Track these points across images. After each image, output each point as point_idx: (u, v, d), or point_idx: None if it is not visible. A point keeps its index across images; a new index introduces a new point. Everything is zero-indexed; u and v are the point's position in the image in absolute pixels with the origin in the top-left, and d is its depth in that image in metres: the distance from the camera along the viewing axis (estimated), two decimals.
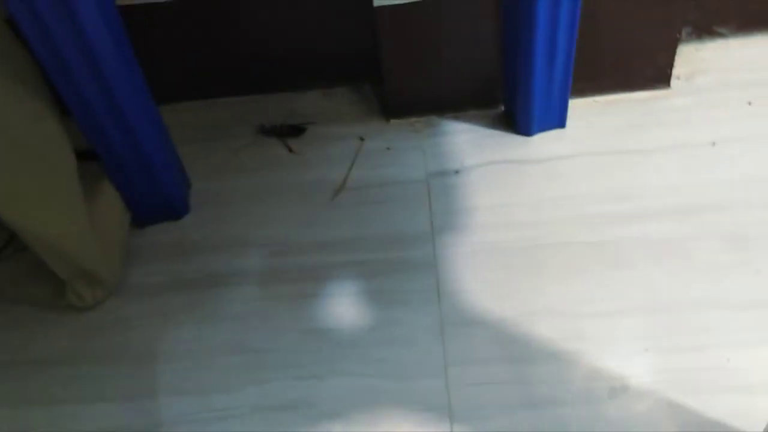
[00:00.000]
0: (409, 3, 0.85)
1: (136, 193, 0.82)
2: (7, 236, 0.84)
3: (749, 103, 0.91)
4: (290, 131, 0.97)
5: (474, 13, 0.87)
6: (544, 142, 0.92)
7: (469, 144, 0.93)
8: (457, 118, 0.97)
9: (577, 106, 0.94)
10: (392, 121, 0.98)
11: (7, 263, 0.83)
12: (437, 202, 0.86)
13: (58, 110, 0.72)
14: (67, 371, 0.73)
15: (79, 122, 0.73)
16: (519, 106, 0.91)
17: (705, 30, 1.00)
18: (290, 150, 0.95)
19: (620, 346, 0.70)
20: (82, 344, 0.75)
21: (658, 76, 0.95)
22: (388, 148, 0.94)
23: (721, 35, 1.01)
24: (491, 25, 0.88)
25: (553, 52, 0.83)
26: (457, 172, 0.90)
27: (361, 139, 0.96)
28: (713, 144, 0.87)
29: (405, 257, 0.80)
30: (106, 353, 0.74)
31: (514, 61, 0.87)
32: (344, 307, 0.76)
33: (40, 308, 0.78)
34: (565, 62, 0.85)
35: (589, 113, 0.95)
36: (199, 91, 1.03)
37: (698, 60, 0.98)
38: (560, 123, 0.93)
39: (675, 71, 0.94)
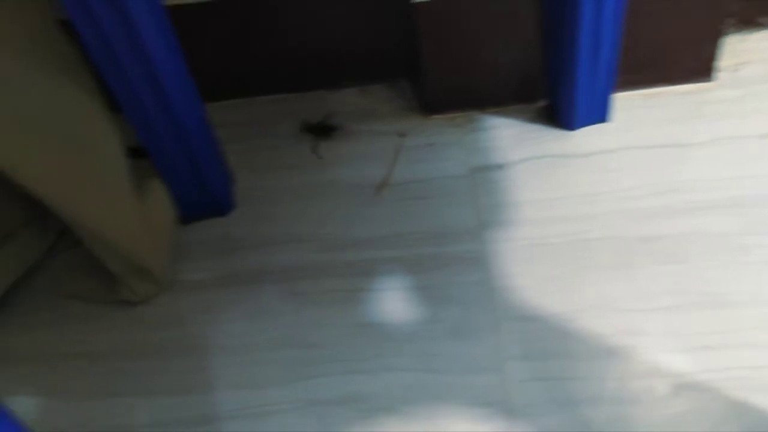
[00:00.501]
0: None
1: (183, 189, 0.83)
2: (60, 231, 0.84)
3: None
4: (324, 131, 0.97)
5: (514, 5, 0.86)
6: (588, 136, 0.91)
7: (512, 139, 0.92)
8: (498, 113, 0.96)
9: (619, 100, 0.93)
10: (432, 117, 0.98)
11: (61, 258, 0.84)
12: (482, 197, 0.85)
13: (108, 108, 0.72)
14: (122, 365, 0.74)
15: (130, 119, 0.74)
16: (562, 100, 0.90)
17: (749, 21, 0.99)
18: (314, 152, 0.95)
19: (677, 343, 0.69)
20: (135, 339, 0.76)
21: (702, 68, 0.94)
22: (429, 144, 0.94)
23: (765, 26, 0.99)
24: (532, 18, 0.87)
25: (597, 45, 0.82)
26: (500, 167, 0.89)
27: (402, 135, 0.96)
28: (762, 136, 0.86)
29: (452, 252, 0.79)
30: (160, 347, 0.75)
31: (557, 54, 0.87)
32: (394, 302, 0.76)
33: (93, 303, 0.79)
34: (610, 55, 0.84)
35: (632, 107, 0.94)
36: (236, 89, 1.03)
37: (742, 51, 0.97)
38: (604, 117, 0.92)
39: (719, 63, 0.93)
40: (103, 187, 0.71)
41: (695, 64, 0.94)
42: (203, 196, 0.85)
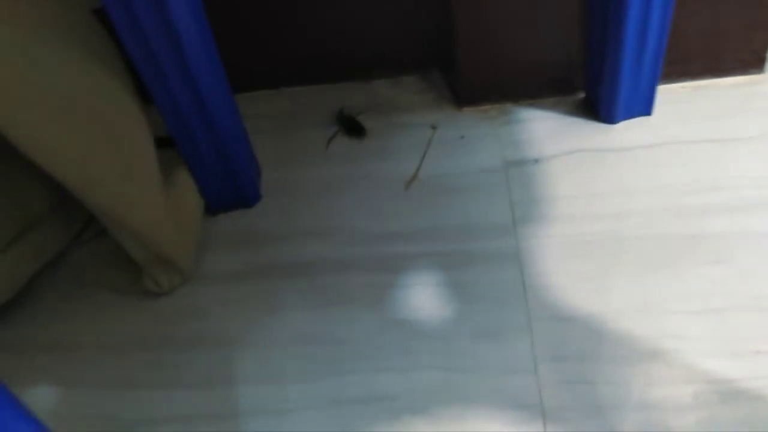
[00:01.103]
0: None
1: (210, 180, 0.81)
2: (85, 220, 0.84)
3: None
4: (353, 127, 0.94)
5: None
6: (629, 129, 0.87)
7: (548, 132, 0.89)
8: (533, 105, 0.93)
9: (663, 92, 0.89)
10: (464, 109, 0.95)
11: (85, 248, 0.83)
12: (517, 192, 0.82)
13: (139, 97, 0.71)
14: (145, 357, 0.72)
15: (160, 108, 0.73)
16: (603, 92, 0.86)
17: None
18: (328, 143, 0.92)
19: (724, 347, 0.65)
20: (158, 330, 0.74)
21: (753, 59, 0.90)
22: (461, 137, 0.91)
23: None
24: (572, 4, 0.84)
25: (644, 33, 0.78)
26: (536, 161, 0.86)
27: (433, 127, 0.93)
28: None
29: (486, 249, 0.76)
30: (183, 340, 0.73)
31: (599, 42, 0.83)
32: (424, 298, 0.73)
33: (117, 294, 0.78)
34: (657, 44, 0.80)
35: (676, 100, 0.89)
36: (265, 80, 1.02)
37: None
38: (646, 110, 0.88)
39: None
40: (130, 175, 0.70)
41: (746, 55, 0.89)
42: (230, 187, 0.83)
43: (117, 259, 0.77)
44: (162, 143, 0.77)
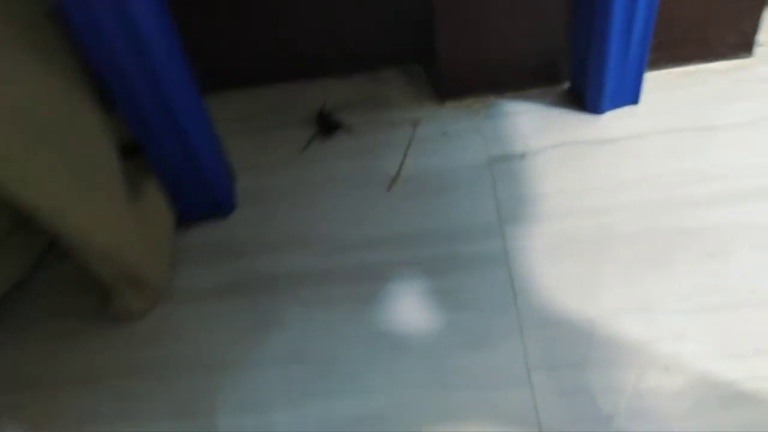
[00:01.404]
0: None
1: (181, 189, 0.77)
2: (46, 244, 0.79)
3: None
4: (331, 126, 0.90)
5: None
6: (617, 120, 0.84)
7: (534, 125, 0.86)
8: (517, 97, 0.90)
9: (650, 80, 0.86)
10: (447, 103, 0.91)
11: (48, 274, 0.78)
12: (503, 190, 0.79)
13: (99, 105, 0.67)
14: (115, 387, 0.68)
15: (124, 114, 0.69)
16: (589, 82, 0.83)
17: None
18: (304, 148, 0.88)
19: (724, 347, 0.62)
20: (130, 357, 0.70)
21: (741, 43, 0.87)
22: (444, 133, 0.87)
23: None
24: None
25: (631, 18, 0.75)
26: (521, 155, 0.82)
27: (415, 124, 0.89)
28: None
29: (472, 251, 0.73)
30: (157, 366, 0.69)
31: (586, 30, 0.79)
32: (410, 309, 0.70)
33: (84, 320, 0.73)
34: (644, 30, 0.77)
35: (664, 87, 0.87)
36: (236, 80, 0.98)
37: None
38: (634, 99, 0.85)
39: (759, 38, 0.86)
40: (91, 190, 0.65)
41: (734, 40, 0.86)
42: (202, 196, 0.79)
43: (83, 283, 0.73)
44: (128, 153, 0.72)
